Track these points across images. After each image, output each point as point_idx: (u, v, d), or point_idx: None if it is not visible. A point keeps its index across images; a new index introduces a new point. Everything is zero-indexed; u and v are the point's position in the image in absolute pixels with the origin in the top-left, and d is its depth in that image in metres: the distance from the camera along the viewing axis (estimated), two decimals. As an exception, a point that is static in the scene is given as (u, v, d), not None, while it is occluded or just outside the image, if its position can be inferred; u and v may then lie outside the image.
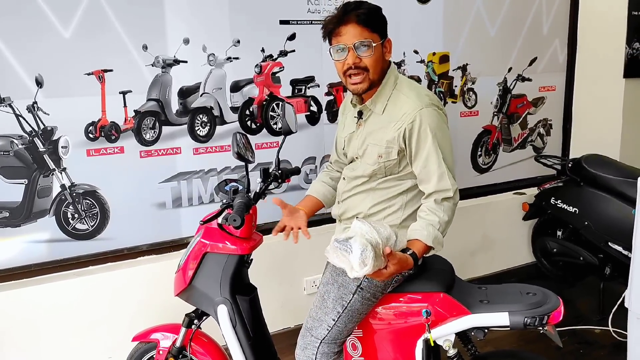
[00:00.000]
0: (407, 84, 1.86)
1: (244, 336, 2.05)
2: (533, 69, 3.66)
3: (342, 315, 1.84)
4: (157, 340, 2.17)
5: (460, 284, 1.95)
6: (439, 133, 1.76)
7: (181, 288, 2.07)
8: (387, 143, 1.79)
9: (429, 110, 1.75)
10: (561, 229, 3.49)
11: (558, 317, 1.76)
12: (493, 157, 3.65)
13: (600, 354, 2.88)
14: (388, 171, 1.83)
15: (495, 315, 1.76)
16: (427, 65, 3.28)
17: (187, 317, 2.11)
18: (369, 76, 1.76)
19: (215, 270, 2.02)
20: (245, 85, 2.83)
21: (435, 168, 1.75)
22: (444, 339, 1.82)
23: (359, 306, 1.85)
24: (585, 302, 3.28)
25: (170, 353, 2.12)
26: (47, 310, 2.50)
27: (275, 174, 2.10)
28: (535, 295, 1.81)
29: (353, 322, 1.88)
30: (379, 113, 1.83)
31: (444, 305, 1.84)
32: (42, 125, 2.43)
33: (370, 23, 1.73)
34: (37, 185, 2.45)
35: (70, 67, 2.43)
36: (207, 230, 2.04)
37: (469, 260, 3.55)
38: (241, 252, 2.01)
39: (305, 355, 1.89)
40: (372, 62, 1.75)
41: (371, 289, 1.84)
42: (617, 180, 3.06)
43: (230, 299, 2.03)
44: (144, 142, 2.64)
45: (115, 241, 2.65)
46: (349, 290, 1.84)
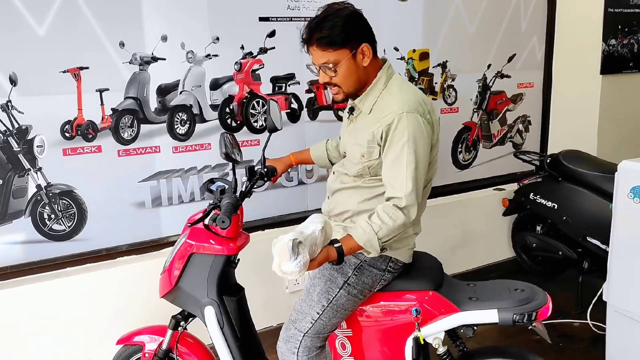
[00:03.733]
0: (398, 85, 1.81)
1: (232, 337, 2.03)
2: (512, 66, 3.69)
3: (326, 309, 1.83)
4: (142, 343, 2.13)
5: (449, 282, 1.96)
6: (414, 141, 1.69)
7: (167, 289, 2.04)
8: (368, 143, 1.77)
9: (411, 115, 1.70)
10: (540, 224, 3.53)
11: (546, 313, 1.77)
12: (473, 153, 3.68)
13: (579, 347, 2.92)
14: (372, 171, 1.81)
15: (484, 313, 1.77)
16: (407, 62, 3.29)
17: (173, 319, 2.07)
18: (343, 90, 1.78)
19: (201, 271, 1.99)
20: (225, 82, 2.80)
21: (397, 174, 1.70)
22: (434, 336, 1.83)
23: (344, 301, 1.84)
24: (564, 296, 3.32)
25: (156, 356, 2.09)
26: (24, 313, 2.44)
27: (261, 172, 2.08)
28: (523, 291, 1.83)
29: (337, 317, 1.86)
30: (366, 112, 1.81)
31: (433, 303, 1.85)
32: (16, 125, 2.37)
33: (333, 43, 1.70)
34: (11, 186, 2.40)
35: (45, 65, 2.38)
36: (193, 230, 2.01)
37: (450, 256, 3.57)
38: (228, 253, 1.99)
39: (288, 348, 1.88)
40: (341, 79, 1.75)
41: (358, 285, 1.84)
42: (594, 175, 3.11)
43: (217, 300, 2.01)
44: (122, 141, 2.59)
45: (93, 242, 2.60)
46: (336, 284, 1.83)
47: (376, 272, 1.85)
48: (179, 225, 2.13)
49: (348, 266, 1.84)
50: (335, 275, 1.84)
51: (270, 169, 2.14)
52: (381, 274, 1.85)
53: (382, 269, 1.85)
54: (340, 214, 1.89)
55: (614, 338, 2.64)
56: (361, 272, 1.84)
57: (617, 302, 2.58)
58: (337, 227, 1.91)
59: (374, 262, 1.84)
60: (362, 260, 1.84)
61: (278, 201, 2.98)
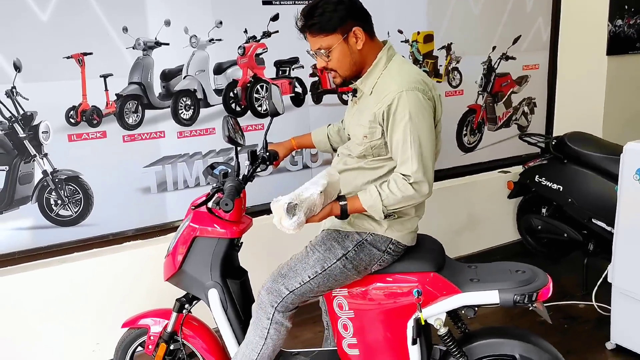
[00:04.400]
0: (398, 65, 1.82)
1: (235, 319, 2.05)
2: (517, 48, 3.66)
3: (318, 275, 1.85)
4: (147, 326, 2.16)
5: (451, 263, 1.96)
6: (416, 118, 1.71)
7: (171, 273, 2.06)
8: (370, 124, 1.78)
9: (411, 94, 1.71)
10: (545, 207, 3.52)
11: (547, 293, 1.78)
12: (478, 136, 3.67)
13: (584, 328, 2.93)
14: (375, 152, 1.81)
15: (486, 294, 1.78)
16: (411, 45, 3.26)
17: (177, 302, 2.10)
18: (340, 74, 1.82)
19: (205, 254, 2.01)
20: (229, 67, 2.79)
21: (403, 153, 1.72)
22: (435, 317, 1.84)
23: (338, 273, 1.86)
24: (569, 278, 3.32)
25: (161, 338, 2.11)
26: (32, 298, 2.47)
27: (263, 157, 2.08)
28: (524, 272, 1.83)
29: (326, 286, 1.89)
30: (367, 93, 1.82)
31: (434, 285, 1.86)
32: (21, 111, 2.38)
33: (324, 28, 1.74)
34: (18, 172, 2.41)
35: (48, 51, 2.38)
36: (196, 214, 2.03)
37: (455, 239, 3.58)
38: (231, 236, 2.00)
39: (269, 299, 1.89)
40: (335, 63, 1.79)
41: (355, 261, 1.85)
42: (600, 157, 3.09)
43: (221, 282, 2.02)
44: (127, 127, 2.60)
45: (100, 227, 2.62)
46: (334, 255, 1.86)
47: (375, 252, 1.86)
48: (184, 210, 2.13)
49: (350, 241, 1.86)
50: (335, 247, 1.87)
51: (272, 153, 2.14)
52: (380, 254, 1.86)
53: (382, 250, 1.86)
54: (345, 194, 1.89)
55: (619, 319, 2.65)
56: (361, 249, 1.86)
57: (622, 284, 2.58)
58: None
59: (375, 242, 1.85)
60: (364, 239, 1.86)
61: (283, 185, 2.99)
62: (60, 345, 2.56)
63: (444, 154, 3.50)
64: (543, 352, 1.86)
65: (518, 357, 1.86)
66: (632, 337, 2.61)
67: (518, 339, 1.89)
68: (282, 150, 2.18)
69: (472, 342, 1.92)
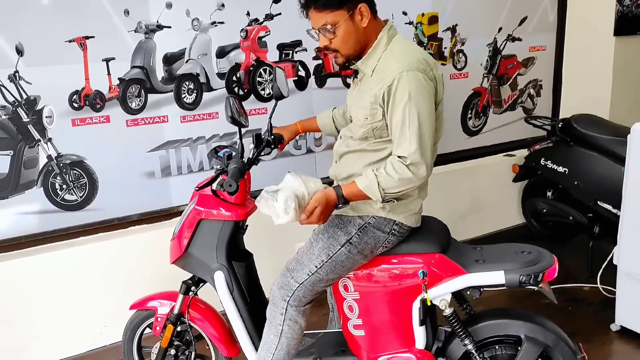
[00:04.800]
0: (400, 45, 1.78)
1: (242, 301, 2.06)
2: (523, 29, 3.61)
3: (325, 264, 1.85)
4: (154, 308, 2.17)
5: (456, 245, 1.96)
6: (416, 99, 1.67)
7: (177, 256, 2.07)
8: (371, 105, 1.75)
9: (411, 74, 1.68)
10: (551, 190, 3.51)
11: (553, 274, 1.77)
12: (483, 119, 3.64)
13: (589, 310, 2.93)
14: (377, 134, 1.79)
15: (491, 274, 1.78)
16: (415, 26, 3.23)
17: (184, 285, 2.10)
18: (342, 54, 1.78)
19: (210, 237, 2.01)
20: (231, 50, 2.78)
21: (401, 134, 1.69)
22: (440, 298, 1.84)
23: (344, 259, 1.85)
24: (574, 261, 3.32)
25: (168, 320, 2.12)
26: (40, 282, 2.50)
27: (267, 140, 2.07)
28: (530, 253, 1.83)
29: (334, 274, 1.88)
30: (368, 75, 1.80)
31: (440, 266, 1.85)
32: (24, 95, 2.38)
33: (329, 4, 1.70)
34: (23, 157, 2.42)
35: (50, 35, 2.37)
36: (201, 197, 2.03)
37: (460, 222, 3.57)
38: (236, 219, 2.00)
39: (280, 294, 1.90)
40: (339, 41, 1.75)
41: (360, 245, 1.85)
42: (606, 139, 3.06)
43: (226, 265, 2.03)
44: (130, 111, 2.60)
45: (105, 211, 2.63)
46: (338, 242, 1.85)
47: (379, 234, 1.86)
48: (188, 194, 2.13)
49: (352, 226, 1.85)
50: (338, 233, 1.86)
51: (277, 136, 2.13)
52: (384, 236, 1.86)
53: (386, 231, 1.85)
54: (347, 178, 1.89)
55: (624, 300, 2.64)
56: (364, 233, 1.85)
57: (628, 265, 2.57)
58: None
59: (378, 225, 1.85)
60: (367, 222, 1.85)
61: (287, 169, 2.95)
62: (68, 328, 2.58)
63: (449, 137, 3.49)
64: (548, 332, 1.86)
65: (523, 338, 1.86)
66: (637, 319, 2.61)
67: (523, 320, 1.89)
68: (287, 134, 2.17)
69: (478, 323, 1.92)
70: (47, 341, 2.56)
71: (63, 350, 2.60)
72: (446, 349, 1.97)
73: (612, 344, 2.66)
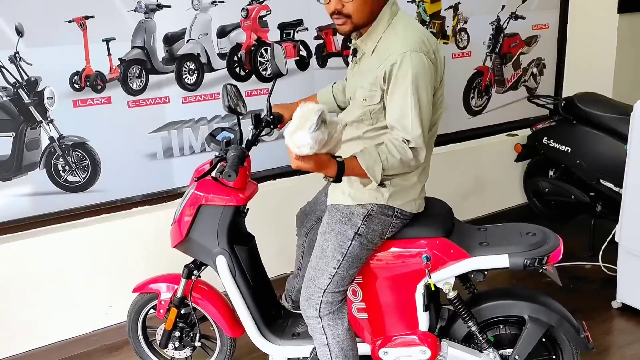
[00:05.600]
0: (403, 23, 1.72)
1: (245, 285, 2.06)
2: (527, 6, 3.57)
3: (342, 263, 1.83)
4: (157, 291, 2.18)
5: (460, 227, 1.95)
6: (418, 81, 1.62)
7: (178, 241, 2.06)
8: (371, 86, 1.70)
9: (415, 55, 1.62)
10: (553, 169, 3.51)
11: (557, 256, 1.77)
12: (485, 98, 3.62)
13: (590, 288, 2.95)
14: (374, 117, 1.74)
15: (495, 258, 1.77)
16: (418, 5, 3.20)
17: (186, 269, 2.10)
18: (352, 21, 1.68)
19: (211, 222, 2.01)
20: (232, 30, 2.75)
21: (403, 116, 1.63)
22: (444, 282, 1.84)
23: (359, 252, 1.84)
24: (576, 239, 3.33)
25: (172, 303, 2.14)
26: (43, 263, 2.51)
27: (267, 120, 2.04)
28: (534, 235, 1.82)
29: (354, 268, 1.87)
30: (369, 54, 1.74)
31: (443, 250, 1.84)
32: (25, 76, 2.37)
33: None
34: (25, 138, 2.42)
35: (50, 15, 2.35)
36: (201, 181, 2.01)
37: (462, 202, 3.57)
38: (236, 204, 1.99)
39: (310, 305, 1.88)
40: (355, 7, 1.65)
41: (369, 234, 1.83)
42: (609, 117, 3.05)
43: (228, 249, 2.02)
44: (131, 92, 2.58)
45: (108, 193, 2.63)
46: (347, 237, 1.82)
47: (385, 219, 1.83)
48: (191, 175, 2.13)
49: (356, 217, 1.82)
50: (345, 229, 1.83)
51: (277, 115, 2.08)
52: (389, 219, 1.84)
53: (390, 214, 1.84)
54: None
55: (625, 278, 2.66)
56: (370, 221, 1.82)
57: (629, 243, 2.58)
58: None
59: (381, 210, 1.82)
60: (370, 210, 1.82)
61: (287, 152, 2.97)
62: (73, 308, 2.61)
63: (451, 117, 3.48)
64: (552, 312, 1.86)
65: (527, 318, 1.86)
66: (638, 296, 2.63)
67: (527, 300, 1.89)
68: (287, 112, 2.11)
69: (481, 304, 1.93)
70: (53, 322, 2.58)
71: (68, 330, 2.63)
72: (450, 329, 1.98)
73: (614, 321, 2.68)
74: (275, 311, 2.22)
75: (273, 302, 2.24)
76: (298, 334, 2.11)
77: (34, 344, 2.57)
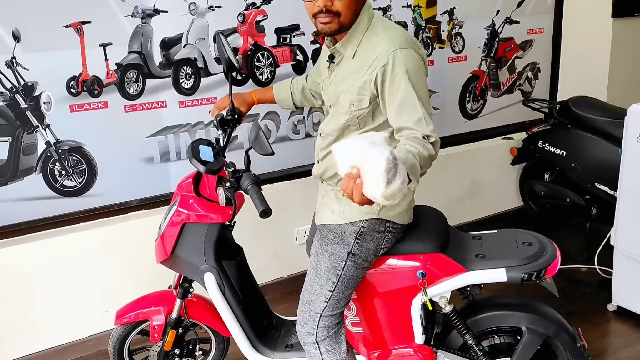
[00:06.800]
0: (382, 24, 1.69)
1: (235, 300, 1.98)
2: (521, 11, 3.60)
3: (337, 285, 1.78)
4: (147, 317, 2.05)
5: (455, 237, 1.91)
6: (415, 77, 1.59)
7: (163, 258, 1.97)
8: (359, 90, 1.64)
9: (405, 52, 1.59)
10: (548, 172, 3.53)
11: (555, 268, 1.74)
12: (481, 102, 3.64)
13: (586, 290, 2.96)
14: (361, 122, 1.69)
15: (492, 272, 1.74)
16: (413, 10, 3.22)
17: (181, 289, 2.01)
18: (340, 20, 1.62)
19: (197, 240, 1.92)
20: (229, 35, 2.76)
21: (413, 114, 1.57)
22: (440, 296, 1.80)
23: (354, 272, 1.79)
24: (571, 242, 3.34)
25: (168, 325, 2.04)
26: (40, 268, 2.51)
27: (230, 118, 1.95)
28: (531, 245, 1.79)
29: (350, 289, 1.82)
30: (349, 57, 1.69)
31: (439, 266, 1.80)
32: (22, 81, 2.37)
33: None
34: (21, 143, 2.41)
35: (47, 20, 2.35)
36: (184, 197, 1.92)
37: (458, 206, 3.58)
38: (223, 220, 1.90)
39: (306, 330, 1.83)
40: (345, 5, 1.60)
41: (363, 253, 1.78)
42: (604, 121, 3.08)
43: (216, 266, 1.94)
44: (128, 96, 2.59)
45: (104, 197, 2.63)
46: (341, 258, 1.77)
47: (377, 235, 1.77)
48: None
49: (348, 235, 1.76)
50: (338, 249, 1.77)
51: (238, 112, 1.99)
52: (382, 235, 1.78)
53: (382, 230, 1.78)
54: (333, 177, 1.80)
55: (621, 281, 2.68)
56: (363, 239, 1.76)
57: (624, 246, 2.60)
58: (331, 191, 1.83)
59: (372, 226, 1.76)
60: (361, 227, 1.76)
61: (285, 154, 2.98)
62: (69, 313, 2.60)
63: (447, 121, 3.49)
64: (549, 322, 1.84)
65: (524, 329, 1.83)
66: (634, 298, 2.64)
67: (524, 311, 1.86)
68: (244, 107, 2.04)
69: (477, 315, 1.89)
70: (49, 326, 2.57)
71: (65, 335, 2.62)
72: (445, 338, 1.95)
73: (609, 324, 2.69)
74: (267, 321, 2.15)
75: (265, 312, 2.17)
76: (291, 345, 2.05)
77: (30, 348, 2.56)
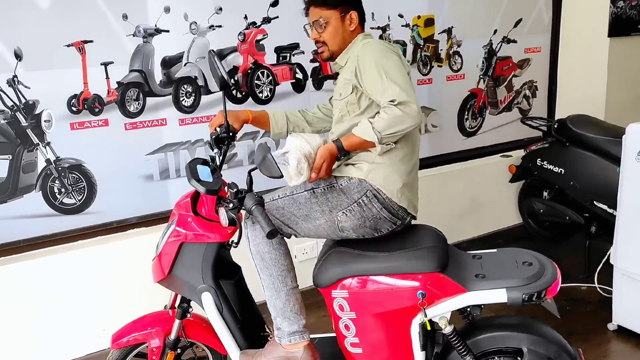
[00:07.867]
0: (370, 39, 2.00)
1: (233, 320, 1.94)
2: (518, 31, 3.64)
3: (284, 198, 1.92)
4: (144, 340, 2.00)
5: (455, 256, 1.90)
6: (381, 57, 1.84)
7: (160, 278, 1.95)
8: (345, 81, 1.95)
9: (373, 42, 1.95)
10: (547, 190, 3.53)
11: (556, 289, 1.74)
12: (479, 120, 3.66)
13: (586, 309, 2.95)
14: (350, 109, 1.93)
15: (492, 293, 1.73)
16: (412, 29, 3.25)
17: (179, 309, 1.98)
18: (329, 47, 2.01)
19: (194, 260, 1.90)
20: (229, 53, 2.79)
21: (381, 88, 1.78)
22: (440, 316, 1.79)
23: (302, 201, 1.90)
24: (571, 260, 3.34)
25: (166, 347, 1.99)
26: (39, 286, 2.50)
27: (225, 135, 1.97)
28: (531, 265, 1.79)
29: (288, 211, 1.91)
30: (343, 65, 2.03)
31: (439, 286, 1.79)
32: (23, 100, 2.38)
33: (327, 3, 1.97)
34: (21, 161, 2.42)
35: (49, 39, 2.38)
36: (182, 217, 1.90)
37: (457, 223, 3.58)
38: (221, 240, 1.88)
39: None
40: (329, 36, 1.99)
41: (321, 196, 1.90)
42: (602, 139, 3.09)
43: (214, 285, 1.92)
44: (129, 114, 2.60)
45: (104, 215, 2.63)
46: (304, 187, 1.92)
47: (343, 198, 1.87)
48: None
49: (323, 181, 1.90)
50: (307, 183, 1.89)
51: (232, 130, 2.02)
52: (348, 202, 1.87)
53: (353, 198, 1.87)
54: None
55: (621, 300, 2.66)
56: (330, 190, 1.89)
57: (624, 265, 2.59)
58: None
59: (347, 188, 1.88)
60: (337, 182, 1.90)
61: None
62: (67, 331, 2.58)
63: (446, 138, 3.51)
64: (551, 344, 1.82)
65: (525, 351, 1.81)
66: (634, 318, 2.63)
67: (524, 332, 1.84)
68: (237, 124, 2.09)
69: (478, 335, 1.87)
70: (46, 344, 2.55)
71: (62, 354, 2.60)
72: (445, 358, 1.91)
73: (610, 344, 2.68)
74: (264, 340, 2.08)
75: (262, 330, 2.12)
76: None
77: (27, 367, 2.54)
